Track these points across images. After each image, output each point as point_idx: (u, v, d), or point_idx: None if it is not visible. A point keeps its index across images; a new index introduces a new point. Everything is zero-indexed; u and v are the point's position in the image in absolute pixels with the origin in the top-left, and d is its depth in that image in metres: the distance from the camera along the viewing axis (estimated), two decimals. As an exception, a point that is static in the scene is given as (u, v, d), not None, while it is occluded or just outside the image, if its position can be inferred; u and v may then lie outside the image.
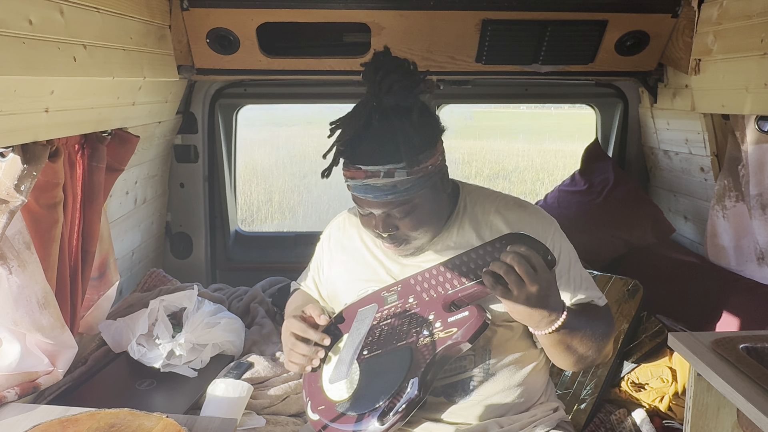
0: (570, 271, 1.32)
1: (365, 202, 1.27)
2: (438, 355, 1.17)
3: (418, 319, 1.22)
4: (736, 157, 2.13)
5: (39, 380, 1.60)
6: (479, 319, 1.15)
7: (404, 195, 1.23)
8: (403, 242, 1.31)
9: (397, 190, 1.23)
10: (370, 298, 1.33)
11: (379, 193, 1.23)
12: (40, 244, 1.57)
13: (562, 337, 1.20)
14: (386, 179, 1.21)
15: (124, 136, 1.99)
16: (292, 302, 1.58)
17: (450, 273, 1.22)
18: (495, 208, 1.35)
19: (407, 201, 1.25)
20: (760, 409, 1.03)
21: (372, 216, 1.30)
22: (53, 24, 1.38)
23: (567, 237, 1.37)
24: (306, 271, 1.61)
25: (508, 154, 13.35)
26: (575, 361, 1.28)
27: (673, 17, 2.20)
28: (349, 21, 2.24)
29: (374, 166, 1.21)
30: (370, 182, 1.22)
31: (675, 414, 1.82)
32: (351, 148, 1.25)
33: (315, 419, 1.25)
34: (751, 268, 2.13)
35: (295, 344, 1.29)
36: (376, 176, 1.22)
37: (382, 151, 1.22)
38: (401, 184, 1.22)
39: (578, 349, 1.24)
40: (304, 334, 1.28)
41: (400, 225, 1.28)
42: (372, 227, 1.31)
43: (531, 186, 10.12)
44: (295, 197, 9.86)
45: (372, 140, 1.23)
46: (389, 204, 1.25)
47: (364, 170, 1.22)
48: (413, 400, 1.14)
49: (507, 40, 2.28)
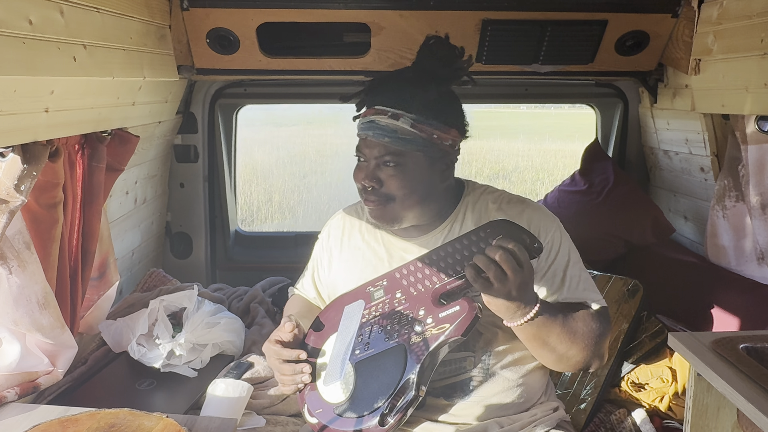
0: (567, 270, 1.31)
1: (364, 143, 1.32)
2: (432, 352, 1.16)
3: (408, 316, 1.21)
4: (736, 157, 2.13)
5: (39, 380, 1.60)
6: (470, 313, 1.14)
7: (401, 144, 1.28)
8: (384, 202, 1.32)
9: (396, 135, 1.27)
10: (355, 294, 1.31)
11: (379, 132, 1.28)
12: (40, 244, 1.57)
13: (536, 330, 1.19)
14: (391, 120, 1.27)
15: (124, 136, 1.99)
16: (287, 310, 1.57)
17: (435, 266, 1.20)
18: (497, 205, 1.36)
19: (401, 153, 1.28)
20: (760, 409, 1.03)
21: (364, 165, 1.33)
22: (53, 24, 1.38)
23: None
24: (304, 272, 1.60)
25: (508, 154, 13.35)
26: (556, 360, 1.26)
27: (673, 17, 2.19)
28: (349, 21, 2.24)
29: (385, 106, 1.29)
30: (375, 119, 1.29)
31: (675, 414, 1.82)
32: (374, 92, 1.34)
33: (314, 422, 1.24)
34: (751, 268, 2.13)
35: (279, 368, 1.28)
36: (383, 114, 1.28)
37: (397, 95, 1.29)
38: (402, 132, 1.27)
39: (557, 347, 1.23)
40: (279, 356, 1.27)
41: (386, 180, 1.30)
42: (360, 177, 1.33)
43: (531, 186, 10.12)
44: (295, 197, 9.86)
45: (395, 86, 1.32)
46: (384, 147, 1.29)
47: (376, 108, 1.30)
48: (412, 399, 1.14)
49: (507, 40, 2.28)
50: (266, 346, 1.30)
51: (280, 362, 1.27)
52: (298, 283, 1.61)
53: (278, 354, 1.27)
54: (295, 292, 1.60)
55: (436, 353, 1.17)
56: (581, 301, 1.31)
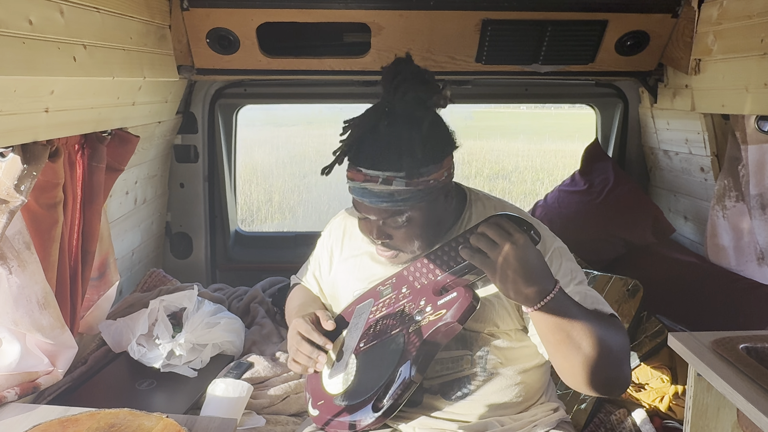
0: (569, 287, 1.26)
1: (362, 206, 1.27)
2: (429, 337, 1.17)
3: (410, 306, 1.23)
4: (736, 157, 2.13)
5: (39, 380, 1.60)
6: (467, 298, 1.15)
7: (400, 205, 1.22)
8: (397, 252, 1.31)
9: (393, 198, 1.22)
10: (367, 294, 1.35)
11: (375, 199, 1.22)
12: (40, 244, 1.57)
13: (558, 318, 1.12)
14: (383, 186, 1.20)
15: (124, 136, 1.99)
16: (293, 297, 1.58)
17: (439, 260, 1.23)
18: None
19: (402, 212, 1.24)
20: (760, 409, 1.03)
21: (368, 221, 1.30)
22: (53, 24, 1.38)
23: (567, 241, 1.35)
24: (306, 265, 1.61)
25: (508, 154, 13.35)
26: (582, 362, 1.14)
27: (673, 17, 2.20)
28: (349, 21, 2.24)
29: (374, 170, 1.20)
30: (368, 186, 1.22)
31: (675, 414, 1.82)
32: (355, 150, 1.24)
33: (315, 415, 1.27)
34: (751, 268, 2.13)
35: (300, 343, 1.29)
36: (374, 181, 1.21)
37: (384, 157, 1.20)
38: (398, 194, 1.21)
39: (582, 344, 1.13)
40: (309, 335, 1.29)
41: (394, 235, 1.28)
42: (367, 232, 1.31)
43: (531, 186, 10.12)
44: (295, 197, 9.86)
45: (376, 145, 1.22)
46: (384, 212, 1.24)
47: (364, 173, 1.21)
48: (406, 383, 1.15)
49: (507, 40, 2.28)
50: (299, 320, 1.32)
51: (301, 339, 1.29)
52: (301, 274, 1.62)
53: (309, 333, 1.29)
54: (301, 282, 1.61)
55: (433, 340, 1.18)
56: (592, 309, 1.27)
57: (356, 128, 1.25)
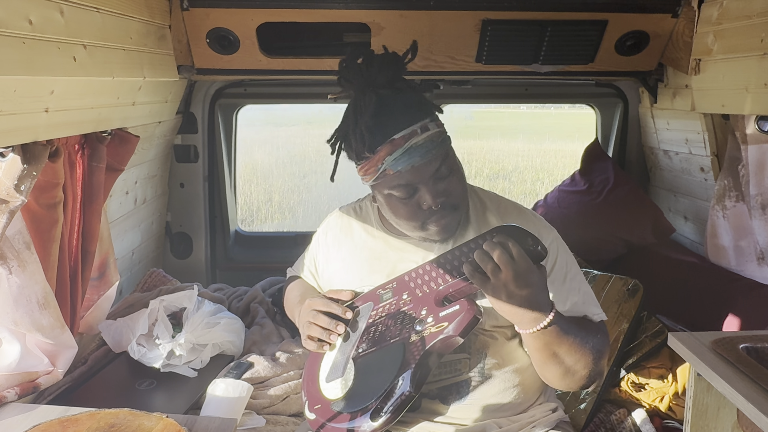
0: (565, 282, 1.30)
1: (412, 173, 1.24)
2: (430, 349, 1.16)
3: (411, 315, 1.22)
4: (736, 157, 2.13)
5: (39, 380, 1.60)
6: (470, 312, 1.14)
7: (443, 146, 1.27)
8: (452, 213, 1.29)
9: (436, 143, 1.25)
10: (367, 297, 1.34)
11: (424, 151, 1.23)
12: (40, 244, 1.57)
13: (549, 340, 1.16)
14: (424, 134, 1.24)
15: (124, 136, 2.00)
16: (292, 288, 1.58)
17: (442, 268, 1.21)
18: (497, 217, 1.36)
19: (447, 153, 1.28)
20: (760, 409, 1.03)
21: (417, 196, 1.27)
22: (53, 24, 1.38)
23: (567, 241, 1.36)
24: (301, 260, 1.61)
25: (508, 154, 13.36)
26: (562, 374, 1.22)
27: (673, 17, 2.19)
28: (349, 21, 2.24)
29: (408, 127, 1.23)
30: (412, 143, 1.22)
31: (675, 414, 1.82)
32: (373, 132, 1.24)
33: (312, 418, 1.26)
34: (751, 268, 2.13)
35: (316, 316, 1.29)
36: (415, 135, 1.23)
37: (407, 113, 1.25)
38: (437, 137, 1.26)
39: (565, 360, 1.20)
40: (327, 307, 1.30)
41: (448, 185, 1.27)
42: (420, 207, 1.27)
43: (531, 186, 10.12)
44: (295, 197, 9.87)
45: (391, 111, 1.26)
46: (436, 159, 1.25)
47: (401, 137, 1.23)
48: (405, 395, 1.14)
49: (507, 40, 2.28)
50: (313, 300, 1.33)
51: (317, 313, 1.30)
52: (297, 268, 1.62)
53: (327, 305, 1.30)
54: (301, 275, 1.60)
55: (433, 352, 1.17)
56: (582, 315, 1.31)
57: (359, 117, 1.27)
